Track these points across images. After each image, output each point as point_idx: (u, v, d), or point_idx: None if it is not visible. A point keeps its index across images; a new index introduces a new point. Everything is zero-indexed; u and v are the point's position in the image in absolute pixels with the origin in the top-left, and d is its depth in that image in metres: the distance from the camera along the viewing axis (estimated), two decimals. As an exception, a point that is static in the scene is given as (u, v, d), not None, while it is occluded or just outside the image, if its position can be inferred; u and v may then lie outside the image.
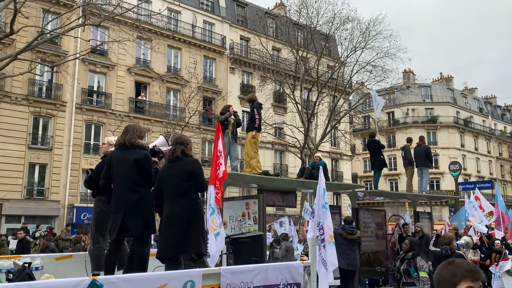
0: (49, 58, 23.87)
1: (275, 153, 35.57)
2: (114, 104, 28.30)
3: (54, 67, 23.03)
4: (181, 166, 5.05)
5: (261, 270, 4.39)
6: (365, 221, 11.24)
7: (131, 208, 4.83)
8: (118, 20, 19.64)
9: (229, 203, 8.90)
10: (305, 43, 29.22)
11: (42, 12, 23.61)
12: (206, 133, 31.94)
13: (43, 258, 5.63)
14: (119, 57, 27.57)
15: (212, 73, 33.94)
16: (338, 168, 40.20)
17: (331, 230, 5.70)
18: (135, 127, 5.27)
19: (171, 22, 32.20)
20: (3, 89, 24.29)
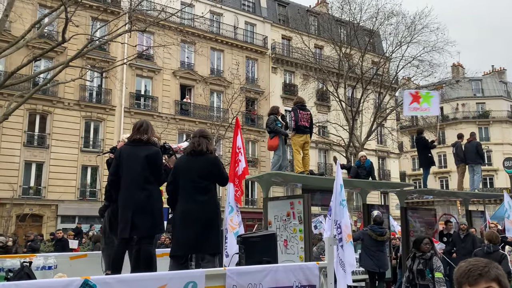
0: (99, 64, 24.83)
1: (319, 152, 35.23)
2: (161, 107, 29.04)
3: (103, 72, 23.95)
4: (201, 162, 4.82)
5: (270, 271, 4.12)
6: (414, 221, 10.91)
7: (140, 206, 4.66)
8: (162, 25, 20.15)
9: (274, 203, 8.90)
10: (348, 39, 28.75)
11: (91, 20, 24.58)
12: (249, 134, 32.10)
13: (57, 257, 5.59)
14: (164, 61, 28.25)
15: (254, 74, 34.09)
16: (385, 167, 39.28)
17: (349, 229, 5.36)
18: (145, 122, 5.08)
19: (214, 25, 32.63)
20: (57, 95, 25.51)
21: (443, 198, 20.47)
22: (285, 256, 8.18)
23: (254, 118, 33.00)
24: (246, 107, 31.60)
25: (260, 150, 32.66)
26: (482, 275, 1.79)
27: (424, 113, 13.37)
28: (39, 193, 24.62)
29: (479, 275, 1.79)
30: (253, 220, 29.71)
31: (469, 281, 1.79)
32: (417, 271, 6.73)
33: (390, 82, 30.77)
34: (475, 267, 1.82)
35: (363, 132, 29.56)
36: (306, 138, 9.11)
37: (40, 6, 24.87)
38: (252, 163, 31.91)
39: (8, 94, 21.16)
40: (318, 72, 30.90)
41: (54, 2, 22.18)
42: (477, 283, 1.79)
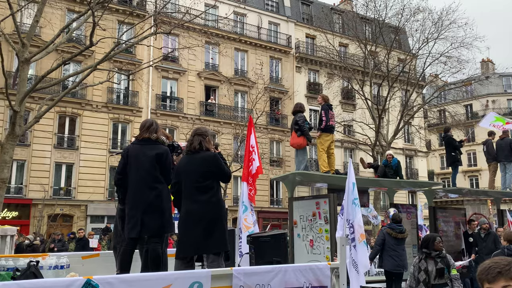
0: (125, 66, 25.27)
1: (344, 151, 34.91)
2: (186, 108, 29.35)
3: (130, 75, 24.33)
4: (198, 161, 4.72)
5: (279, 271, 3.99)
6: (443, 220, 10.68)
7: (149, 205, 4.60)
8: (187, 27, 20.32)
9: (299, 203, 8.86)
10: (374, 37, 28.37)
11: (118, 24, 25.05)
12: (274, 133, 32.10)
13: (70, 257, 5.59)
14: (189, 63, 28.53)
15: (278, 73, 34.06)
16: (413, 165, 38.59)
17: (362, 229, 5.18)
18: (153, 121, 5.03)
19: (237, 25, 32.75)
20: (85, 98, 26.11)
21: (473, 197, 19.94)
22: (311, 256, 8.14)
23: (278, 117, 32.96)
24: (270, 107, 31.58)
25: (285, 150, 32.60)
26: (502, 273, 1.77)
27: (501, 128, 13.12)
28: (69, 194, 25.25)
29: (499, 273, 1.77)
30: (278, 220, 29.70)
31: (488, 278, 1.77)
32: (436, 270, 6.51)
33: (417, 80, 30.20)
34: (496, 264, 1.80)
35: (389, 131, 29.13)
36: (332, 137, 9.06)
37: (68, 11, 25.50)
38: (276, 162, 31.89)
39: (39, 98, 21.78)
40: (343, 71, 30.61)
41: (82, 6, 22.71)
42: (496, 281, 1.76)
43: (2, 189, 15.15)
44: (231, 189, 29.32)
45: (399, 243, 8.70)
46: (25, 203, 23.80)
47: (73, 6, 25.60)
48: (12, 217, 22.99)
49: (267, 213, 30.48)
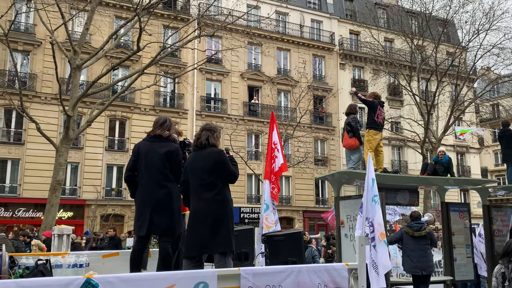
0: (171, 70, 25.88)
1: (392, 149, 34.04)
2: (230, 109, 29.66)
3: (175, 78, 24.91)
4: (204, 157, 4.58)
5: (292, 272, 3.78)
6: (498, 220, 10.18)
7: (159, 203, 4.53)
8: (230, 29, 20.56)
9: (346, 202, 8.72)
10: (420, 30, 27.50)
11: (163, 28, 25.70)
12: (318, 132, 31.80)
13: (90, 256, 5.62)
14: (232, 64, 28.80)
15: (321, 71, 33.73)
16: (465, 163, 37.07)
17: (382, 227, 4.91)
18: (165, 118, 4.93)
19: (280, 25, 32.72)
20: (134, 102, 26.96)
21: (532, 195, 18.89)
22: (359, 256, 7.98)
23: (322, 116, 32.64)
24: (314, 105, 31.33)
25: (330, 149, 32.22)
26: None
27: None
28: (121, 194, 26.16)
29: None
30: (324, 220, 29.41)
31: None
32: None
33: (468, 73, 28.98)
34: None
35: (439, 127, 28.15)
36: (381, 135, 8.83)
37: (116, 18, 26.42)
38: (321, 162, 31.59)
39: (90, 102, 22.69)
40: (389, 66, 29.88)
41: (129, 13, 23.46)
42: None
43: (58, 190, 15.94)
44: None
45: (417, 242, 8.06)
46: (79, 204, 24.89)
47: (120, 13, 26.50)
48: (67, 217, 24.10)
49: (312, 213, 30.25)
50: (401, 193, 9.04)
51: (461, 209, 10.06)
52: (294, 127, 26.45)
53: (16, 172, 24.08)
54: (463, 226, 9.72)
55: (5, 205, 23.39)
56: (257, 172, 28.39)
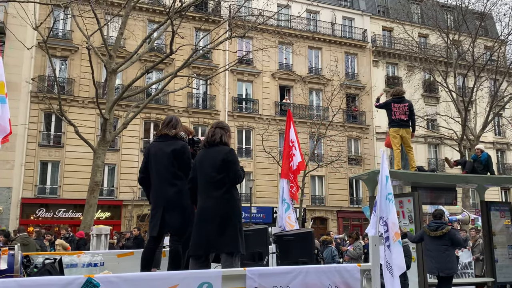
0: (203, 72, 26.18)
1: (428, 147, 33.21)
2: (261, 109, 29.71)
3: (207, 80, 25.18)
4: (215, 154, 4.49)
5: (300, 273, 3.64)
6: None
7: (170, 202, 4.54)
8: (260, 29, 20.60)
9: (381, 202, 8.58)
10: (456, 25, 26.69)
11: (195, 31, 26.04)
12: (352, 131, 31.41)
13: (105, 255, 5.64)
14: (263, 64, 28.84)
15: (354, 69, 33.30)
16: (505, 160, 35.72)
17: (396, 227, 4.73)
18: (172, 117, 4.94)
19: (311, 23, 32.52)
20: (167, 104, 27.42)
21: None
22: (396, 257, 7.83)
23: (355, 114, 32.21)
24: (347, 104, 30.96)
25: (364, 148, 31.76)
26: None
27: None
28: (156, 195, 26.62)
29: None
30: (358, 220, 29.02)
31: None
32: None
33: (507, 67, 27.92)
34: None
35: (477, 124, 27.25)
36: (403, 132, 8.58)
37: (149, 22, 26.94)
38: (355, 161, 31.18)
39: (126, 105, 23.24)
40: (424, 62, 29.16)
41: (162, 17, 23.88)
42: None
43: (96, 191, 16.42)
44: (309, 188, 29.16)
45: (436, 242, 7.72)
46: (116, 204, 25.54)
47: (153, 17, 27.01)
48: (105, 217, 24.77)
49: (346, 213, 29.90)
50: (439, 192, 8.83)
51: (502, 208, 9.72)
52: (327, 126, 26.22)
53: (56, 174, 24.95)
54: (504, 226, 9.39)
55: (46, 205, 24.29)
56: (290, 172, 28.31)
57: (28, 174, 24.07)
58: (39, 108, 24.49)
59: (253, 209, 25.06)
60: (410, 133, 8.67)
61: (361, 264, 4.13)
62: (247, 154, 29.05)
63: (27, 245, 10.93)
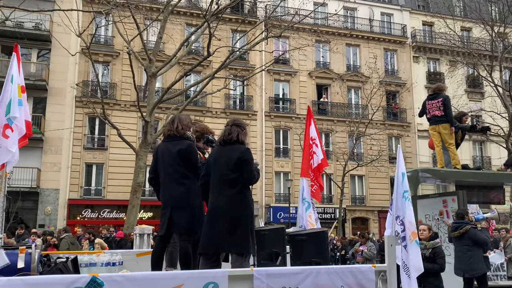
0: (240, 73, 26.36)
1: (473, 144, 32.01)
2: (298, 109, 29.57)
3: (244, 80, 25.32)
4: (230, 152, 4.40)
5: (310, 273, 3.52)
6: None
7: (178, 201, 4.52)
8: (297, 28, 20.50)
9: (424, 201, 8.37)
10: (501, 16, 25.58)
11: (231, 33, 26.24)
12: (392, 129, 30.74)
13: (124, 254, 5.65)
14: (300, 63, 28.70)
15: (394, 65, 32.58)
16: (558, 157, 33.92)
17: (413, 226, 4.53)
18: (180, 117, 4.94)
19: (348, 20, 32.09)
20: (206, 105, 27.79)
21: None
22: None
23: (396, 112, 31.49)
24: (387, 101, 30.31)
25: (405, 146, 31.00)
26: None
27: None
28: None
29: None
30: (401, 219, 28.33)
31: None
32: None
33: (559, 59, 26.50)
34: None
35: (526, 119, 26.00)
36: (440, 128, 8.27)
37: (187, 25, 27.39)
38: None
39: (165, 108, 23.72)
40: (467, 57, 28.11)
41: (199, 20, 24.22)
42: None
43: (139, 192, 16.84)
44: (349, 188, 28.76)
45: (458, 243, 7.42)
46: (158, 205, 25.93)
47: (190, 20, 27.44)
48: (147, 217, 25.38)
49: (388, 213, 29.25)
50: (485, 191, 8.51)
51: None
52: (366, 124, 25.78)
53: (100, 176, 25.81)
54: None
55: (91, 206, 25.16)
56: (329, 172, 28.05)
57: (74, 176, 25.02)
58: (84, 112, 25.39)
59: (292, 209, 24.96)
60: (448, 129, 8.29)
61: (376, 265, 3.96)
62: (284, 154, 29.00)
63: (74, 244, 11.37)
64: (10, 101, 4.23)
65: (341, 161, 26.77)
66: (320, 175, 6.40)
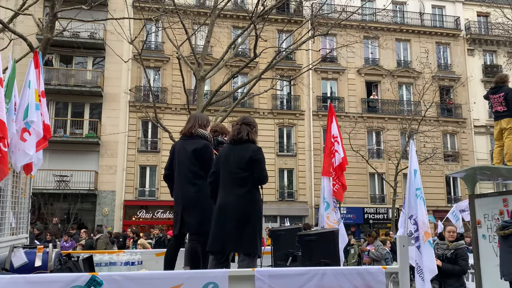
0: (286, 73, 26.31)
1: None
2: (347, 107, 29.10)
3: (291, 80, 25.24)
4: (241, 151, 4.30)
5: (315, 274, 3.39)
6: None
7: (189, 201, 4.51)
8: (344, 25, 20.19)
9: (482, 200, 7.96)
10: None
11: (277, 33, 26.25)
12: (447, 125, 29.55)
13: (143, 254, 5.68)
14: (348, 61, 28.26)
15: (447, 59, 31.31)
16: None
17: (426, 226, 4.27)
18: (197, 116, 4.91)
19: (397, 15, 31.21)
20: (253, 107, 27.97)
21: None
22: (501, 260, 7.21)
23: (450, 107, 30.24)
24: (441, 97, 29.18)
25: (461, 143, 29.72)
26: None
27: None
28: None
29: None
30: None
31: None
32: None
33: None
34: None
35: None
36: (503, 123, 7.82)
37: (233, 28, 27.72)
38: (452, 157, 29.31)
39: (214, 110, 24.09)
40: (528, 47, 26.56)
41: (245, 22, 24.43)
42: None
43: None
44: (402, 187, 27.94)
45: (503, 243, 6.67)
46: (209, 205, 26.57)
47: (237, 22, 27.73)
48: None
49: (444, 212, 28.06)
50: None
51: None
52: (419, 121, 24.96)
53: (154, 177, 26.62)
54: None
55: (146, 207, 26.02)
56: (380, 171, 27.39)
57: (129, 178, 25.96)
58: (137, 116, 26.31)
59: (343, 210, 24.61)
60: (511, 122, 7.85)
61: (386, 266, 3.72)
62: (334, 153, 28.64)
63: (108, 244, 11.73)
64: (28, 105, 4.39)
65: (393, 160, 26.07)
66: (343, 174, 6.18)
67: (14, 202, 4.72)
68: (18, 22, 22.00)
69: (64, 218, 23.71)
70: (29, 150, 4.34)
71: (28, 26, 22.00)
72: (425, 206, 4.41)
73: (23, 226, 5.03)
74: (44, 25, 15.86)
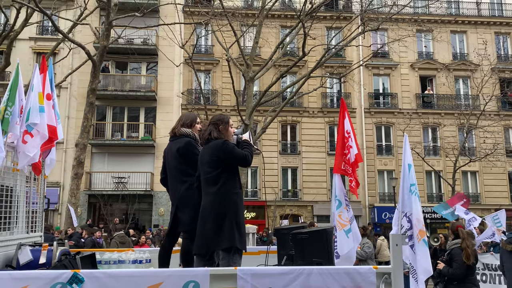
0: (336, 70, 25.93)
1: None
2: (401, 103, 28.25)
3: (341, 78, 24.86)
4: (208, 150, 4.37)
5: (300, 274, 3.28)
6: None
7: (181, 199, 4.57)
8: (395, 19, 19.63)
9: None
10: None
11: (326, 30, 25.95)
12: (509, 119, 27.97)
13: (152, 252, 5.70)
14: (400, 55, 27.43)
15: (507, 50, 29.62)
16: None
17: (421, 224, 4.00)
18: (183, 115, 4.96)
19: (452, 6, 29.91)
20: (302, 106, 27.80)
21: None
22: None
23: (512, 101, 28.59)
24: (501, 90, 27.65)
25: (525, 137, 28.01)
26: None
27: None
28: (296, 195, 27.21)
29: None
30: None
31: None
32: None
33: None
34: None
35: None
36: None
37: (281, 27, 27.69)
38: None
39: (263, 110, 24.20)
40: None
41: (293, 21, 24.34)
42: None
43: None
44: (460, 185, 26.72)
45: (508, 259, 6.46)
46: (260, 205, 26.71)
47: (285, 22, 27.68)
48: (250, 217, 26.07)
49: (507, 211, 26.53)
50: None
51: None
52: (478, 116, 23.80)
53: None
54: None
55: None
56: (437, 169, 26.38)
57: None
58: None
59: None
60: None
61: (378, 266, 3.50)
62: (387, 151, 27.89)
63: (124, 243, 11.90)
64: (30, 108, 4.54)
65: (451, 157, 25.01)
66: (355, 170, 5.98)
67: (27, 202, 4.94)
68: (76, 31, 23.19)
69: (122, 218, 24.68)
70: (29, 152, 4.48)
71: (86, 35, 23.12)
72: (419, 202, 4.19)
73: (38, 225, 5.25)
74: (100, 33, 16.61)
